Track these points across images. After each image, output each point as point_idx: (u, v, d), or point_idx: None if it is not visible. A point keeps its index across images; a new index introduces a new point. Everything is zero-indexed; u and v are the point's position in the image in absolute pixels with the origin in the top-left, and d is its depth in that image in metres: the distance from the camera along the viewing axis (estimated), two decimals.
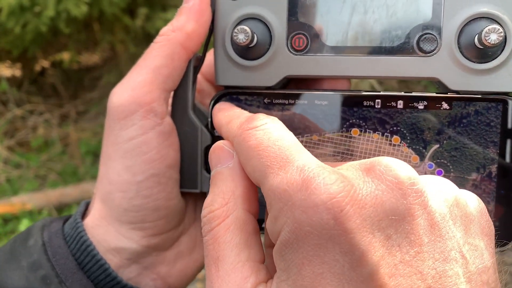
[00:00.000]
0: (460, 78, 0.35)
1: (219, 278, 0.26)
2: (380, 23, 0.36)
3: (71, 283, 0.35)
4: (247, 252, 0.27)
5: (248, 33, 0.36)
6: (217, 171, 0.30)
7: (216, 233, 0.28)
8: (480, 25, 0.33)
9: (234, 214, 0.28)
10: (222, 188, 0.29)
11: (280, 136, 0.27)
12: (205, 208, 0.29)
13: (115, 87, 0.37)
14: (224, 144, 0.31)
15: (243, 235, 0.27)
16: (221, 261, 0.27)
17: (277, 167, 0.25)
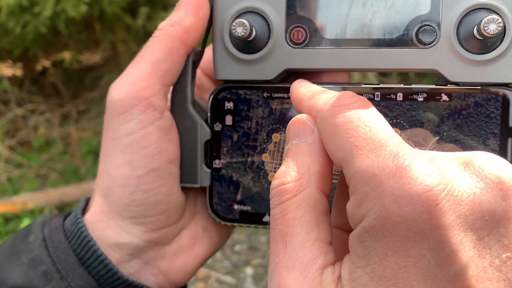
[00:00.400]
0: (459, 70, 0.35)
1: (287, 254, 0.26)
2: (378, 16, 0.36)
3: (72, 278, 0.35)
4: (317, 232, 0.26)
5: (247, 26, 0.36)
6: (294, 144, 0.29)
7: (286, 208, 0.27)
8: (479, 16, 0.33)
9: (307, 191, 0.27)
10: (298, 162, 0.28)
11: (371, 118, 0.26)
12: (277, 179, 0.28)
13: (114, 82, 0.37)
14: (306, 118, 0.29)
15: (314, 214, 0.26)
16: (290, 237, 0.26)
17: (367, 149, 0.24)
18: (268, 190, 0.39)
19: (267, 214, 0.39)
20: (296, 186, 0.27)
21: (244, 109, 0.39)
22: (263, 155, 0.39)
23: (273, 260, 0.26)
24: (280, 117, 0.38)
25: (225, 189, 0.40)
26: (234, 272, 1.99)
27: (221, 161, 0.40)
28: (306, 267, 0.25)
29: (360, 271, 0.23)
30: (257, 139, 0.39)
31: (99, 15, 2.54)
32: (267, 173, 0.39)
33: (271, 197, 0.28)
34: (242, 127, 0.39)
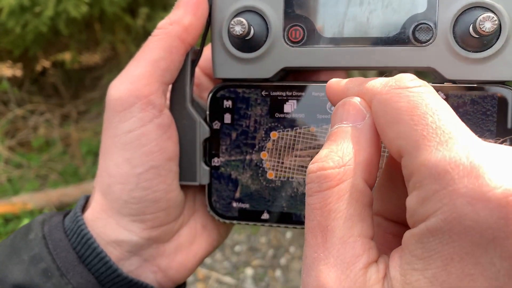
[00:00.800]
0: (455, 68, 0.35)
1: (326, 250, 0.23)
2: (376, 14, 0.36)
3: (72, 275, 0.35)
4: (360, 227, 0.24)
5: (245, 25, 0.36)
6: (341, 127, 0.26)
7: (326, 197, 0.24)
8: (474, 14, 0.34)
9: (351, 181, 0.24)
10: (343, 147, 0.25)
11: (439, 105, 0.23)
12: (316, 163, 0.25)
13: (114, 80, 0.37)
14: (358, 101, 0.27)
15: (357, 207, 0.24)
16: (331, 231, 0.24)
17: (437, 141, 0.22)
18: (266, 187, 0.39)
19: (265, 211, 0.39)
20: (340, 173, 0.24)
21: (243, 107, 0.39)
22: (261, 153, 0.39)
23: (310, 254, 0.24)
24: (278, 115, 0.39)
25: (224, 187, 0.40)
26: (234, 273, 1.99)
27: (219, 159, 0.40)
28: (348, 265, 0.23)
29: (418, 274, 0.21)
30: (255, 137, 0.39)
31: (99, 15, 2.54)
32: (265, 171, 0.39)
33: (308, 182, 0.25)
34: (241, 125, 0.39)
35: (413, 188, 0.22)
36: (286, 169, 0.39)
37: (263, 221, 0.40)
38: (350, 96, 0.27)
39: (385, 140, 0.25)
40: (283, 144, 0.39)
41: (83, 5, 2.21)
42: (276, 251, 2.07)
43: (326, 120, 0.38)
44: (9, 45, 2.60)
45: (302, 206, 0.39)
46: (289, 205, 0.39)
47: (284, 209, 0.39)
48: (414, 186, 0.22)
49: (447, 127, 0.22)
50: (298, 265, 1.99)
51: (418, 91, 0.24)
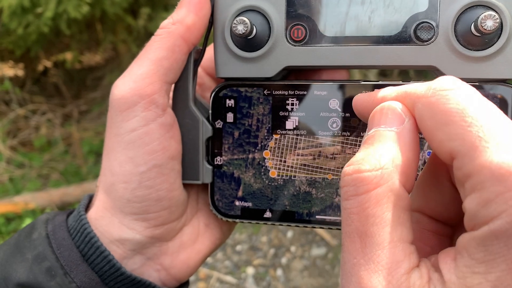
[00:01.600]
0: (457, 66, 0.35)
1: (366, 255, 0.23)
2: (377, 13, 0.36)
3: (75, 274, 0.36)
4: (399, 231, 0.23)
5: (247, 24, 0.37)
6: (379, 131, 0.26)
7: (364, 201, 0.24)
8: (476, 13, 0.34)
9: (389, 184, 0.24)
10: (380, 150, 0.25)
11: (489, 105, 0.23)
12: (352, 165, 0.25)
13: (117, 80, 0.38)
14: (397, 105, 0.26)
15: (396, 211, 0.24)
16: (369, 237, 0.23)
17: (495, 142, 0.21)
18: (268, 186, 0.39)
19: (268, 210, 0.40)
20: (377, 177, 0.24)
21: (245, 106, 0.39)
22: (264, 152, 0.39)
23: (349, 260, 0.24)
24: (280, 114, 0.39)
25: (226, 186, 0.40)
26: (235, 272, 2.00)
27: (222, 158, 0.40)
28: (390, 271, 0.23)
29: (480, 277, 0.21)
30: (258, 136, 0.39)
31: (100, 15, 2.55)
32: (268, 169, 0.39)
33: (343, 185, 0.25)
34: (243, 124, 0.39)
35: (472, 190, 0.22)
36: (288, 168, 0.39)
37: (265, 220, 0.40)
38: (389, 101, 0.27)
39: (434, 143, 0.24)
40: (286, 143, 0.39)
41: (84, 5, 2.21)
42: (277, 251, 2.07)
43: (328, 118, 0.38)
44: (11, 45, 2.61)
45: (304, 205, 0.39)
46: (292, 203, 0.39)
47: (286, 208, 0.39)
48: (474, 188, 0.22)
49: (503, 127, 0.22)
50: (299, 264, 1.99)
51: (466, 93, 0.23)
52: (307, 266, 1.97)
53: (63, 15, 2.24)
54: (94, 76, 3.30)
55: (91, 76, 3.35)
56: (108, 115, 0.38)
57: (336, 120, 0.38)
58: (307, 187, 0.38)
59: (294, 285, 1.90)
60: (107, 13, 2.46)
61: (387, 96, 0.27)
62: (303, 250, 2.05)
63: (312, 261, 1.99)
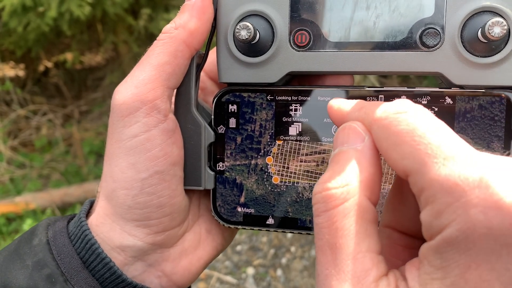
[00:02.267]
0: (463, 73, 0.35)
1: (337, 266, 0.25)
2: (382, 19, 0.36)
3: (76, 281, 0.35)
4: (367, 242, 0.25)
5: (251, 30, 0.36)
6: (342, 150, 0.28)
7: (332, 216, 0.25)
8: (483, 19, 0.33)
9: (355, 199, 0.25)
10: (345, 168, 0.26)
11: (437, 124, 0.25)
12: (320, 184, 0.26)
13: (119, 85, 0.37)
14: (357, 125, 0.28)
15: (362, 223, 0.25)
16: (339, 249, 0.25)
17: (443, 157, 0.23)
18: (271, 192, 0.39)
19: (270, 216, 0.39)
20: (343, 193, 0.26)
21: (248, 111, 0.39)
22: (266, 157, 0.39)
23: (321, 272, 0.25)
24: (283, 120, 0.38)
25: (228, 192, 0.40)
26: (236, 272, 2.00)
27: (224, 163, 0.40)
28: (359, 279, 0.24)
29: (437, 283, 0.22)
30: (260, 142, 0.39)
31: (101, 16, 2.55)
32: (270, 175, 0.39)
33: (314, 203, 0.26)
34: (246, 129, 0.39)
35: (426, 203, 0.23)
36: (291, 174, 0.38)
37: (268, 226, 0.39)
38: (350, 121, 0.29)
39: (390, 162, 0.26)
40: (289, 149, 0.38)
41: (87, 5, 2.21)
42: (277, 251, 2.07)
43: (331, 124, 0.37)
44: (12, 46, 2.61)
45: (307, 211, 0.38)
46: (294, 210, 0.39)
47: (289, 214, 0.39)
48: (427, 201, 0.23)
49: (448, 143, 0.24)
50: (299, 265, 1.99)
51: (415, 114, 0.25)
52: (307, 267, 1.97)
53: (66, 14, 2.24)
54: (95, 77, 3.30)
55: (91, 76, 3.35)
56: (109, 120, 0.38)
57: None
58: (310, 193, 0.38)
59: (294, 285, 1.90)
60: (108, 13, 2.46)
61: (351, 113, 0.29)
62: (303, 250, 2.05)
63: (312, 262, 1.99)
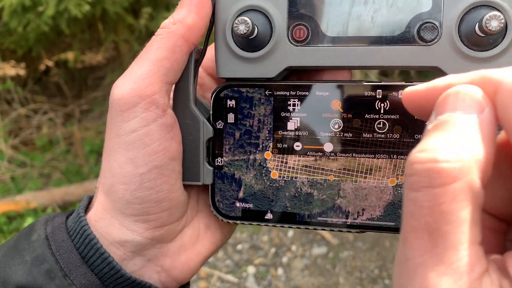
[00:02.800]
0: (461, 67, 0.35)
1: (435, 256, 0.21)
2: (380, 13, 0.36)
3: (75, 276, 0.35)
4: (473, 232, 0.21)
5: (249, 24, 0.36)
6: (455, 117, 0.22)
7: (440, 196, 0.21)
8: (480, 13, 0.33)
9: (468, 180, 0.21)
10: (459, 139, 0.21)
11: None
12: (425, 152, 0.21)
13: (117, 80, 0.37)
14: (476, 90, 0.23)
15: (471, 210, 0.21)
16: (442, 236, 0.21)
17: None
18: (270, 187, 0.39)
19: (269, 211, 0.39)
20: (455, 169, 0.21)
21: (246, 107, 0.39)
22: (265, 152, 0.39)
23: (413, 258, 0.21)
24: (282, 115, 0.38)
25: (227, 187, 0.40)
26: (236, 271, 2.00)
27: (223, 159, 0.40)
28: (462, 275, 0.20)
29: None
30: (259, 137, 0.39)
31: (101, 15, 2.55)
32: (269, 170, 0.39)
33: (411, 174, 0.22)
34: (244, 125, 0.39)
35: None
36: (290, 169, 0.38)
37: (266, 221, 0.39)
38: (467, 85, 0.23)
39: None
40: (287, 144, 0.38)
41: (85, 4, 2.21)
42: (278, 250, 2.07)
43: (330, 119, 0.37)
44: (13, 45, 2.61)
45: (305, 206, 0.38)
46: (293, 205, 0.39)
47: (287, 209, 0.39)
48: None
49: None
50: (300, 264, 1.99)
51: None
52: (308, 265, 1.97)
53: (64, 13, 2.24)
54: (96, 76, 3.30)
55: (92, 75, 3.35)
56: (108, 115, 0.38)
57: (338, 121, 0.37)
58: (308, 188, 0.38)
59: (295, 284, 1.90)
60: (108, 12, 2.46)
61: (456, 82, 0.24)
62: (304, 249, 2.05)
63: (312, 260, 1.99)
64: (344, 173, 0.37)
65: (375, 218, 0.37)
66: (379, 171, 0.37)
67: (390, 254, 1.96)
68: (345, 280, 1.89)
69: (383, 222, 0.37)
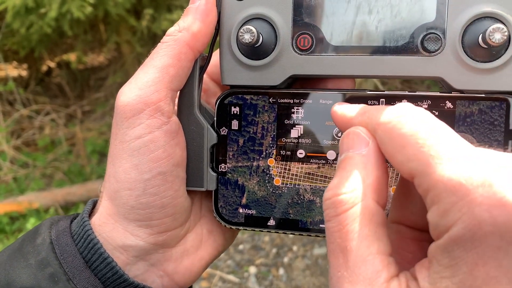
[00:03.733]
0: (464, 77, 0.35)
1: (349, 269, 0.25)
2: (384, 23, 0.36)
3: (78, 281, 0.35)
4: (377, 245, 0.26)
5: (254, 33, 0.36)
6: (348, 156, 0.28)
7: (342, 221, 0.26)
8: (484, 25, 0.34)
9: (363, 203, 0.26)
10: (352, 173, 0.27)
11: (439, 125, 0.26)
12: (330, 191, 0.27)
13: (123, 87, 0.37)
14: (361, 130, 0.29)
15: (371, 226, 0.26)
16: (350, 251, 0.25)
17: (446, 158, 0.24)
18: (273, 194, 0.39)
19: (271, 218, 0.39)
20: (351, 197, 0.26)
21: (250, 114, 0.39)
22: (268, 159, 0.39)
23: (334, 274, 0.26)
24: (285, 122, 0.39)
25: (230, 193, 0.40)
26: (238, 271, 2.00)
27: (226, 165, 0.40)
28: (371, 281, 0.25)
29: (446, 281, 0.23)
30: (262, 144, 0.39)
31: (103, 16, 2.55)
32: (272, 177, 0.39)
33: (325, 209, 0.27)
34: (248, 131, 0.39)
35: (432, 203, 0.24)
36: (292, 176, 0.39)
37: (269, 228, 0.40)
38: (354, 126, 0.29)
39: (395, 164, 0.26)
40: (290, 151, 0.39)
41: (88, 6, 2.22)
42: (280, 250, 2.07)
43: (333, 127, 0.38)
44: (15, 46, 2.62)
45: (308, 213, 0.39)
46: (295, 212, 0.39)
47: (290, 216, 0.39)
48: (433, 201, 0.24)
49: (451, 144, 0.24)
50: (301, 264, 1.99)
51: (418, 117, 0.26)
52: (309, 266, 1.97)
53: (67, 15, 2.25)
54: (98, 77, 3.30)
55: (94, 76, 3.36)
56: (113, 121, 0.38)
57: None
58: (311, 195, 0.38)
59: (296, 284, 1.90)
60: (110, 14, 2.46)
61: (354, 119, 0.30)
62: (305, 249, 2.05)
63: (314, 261, 1.99)
64: None
65: None
66: None
67: None
68: None
69: None
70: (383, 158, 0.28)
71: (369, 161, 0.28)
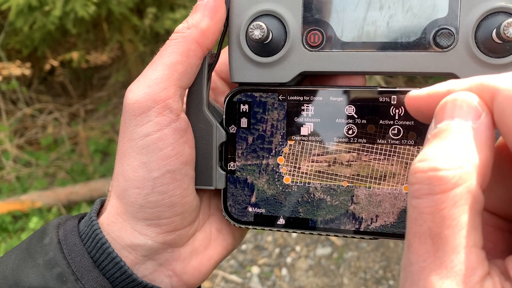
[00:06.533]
0: (477, 73, 0.34)
1: (438, 259, 0.21)
2: (395, 19, 0.36)
3: (86, 280, 0.35)
4: (474, 236, 0.22)
5: (264, 29, 0.36)
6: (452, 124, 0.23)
7: (440, 202, 0.22)
8: (497, 20, 0.33)
9: (468, 185, 0.22)
10: (457, 147, 0.22)
11: None
12: (425, 162, 0.22)
13: (131, 84, 0.37)
14: (473, 98, 0.23)
15: (471, 214, 0.22)
16: (444, 240, 0.21)
17: None
18: (282, 193, 0.39)
19: (281, 217, 0.39)
20: (455, 176, 0.22)
21: (259, 111, 0.39)
22: (278, 157, 0.39)
23: (417, 262, 0.22)
24: (295, 120, 0.38)
25: (239, 192, 0.40)
26: (241, 271, 2.00)
27: (236, 163, 0.40)
28: (464, 278, 0.21)
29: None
30: (272, 142, 0.39)
31: (106, 15, 2.55)
32: (282, 176, 0.39)
33: (414, 182, 0.23)
34: (257, 129, 0.39)
35: None
36: (303, 174, 0.38)
37: (278, 227, 0.39)
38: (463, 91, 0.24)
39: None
40: (300, 149, 0.38)
41: (91, 5, 2.22)
42: (282, 250, 2.07)
43: (343, 124, 0.37)
44: (18, 45, 2.62)
45: (318, 212, 0.38)
46: (305, 210, 0.38)
47: (300, 215, 0.39)
48: None
49: None
50: (304, 264, 1.98)
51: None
52: (312, 266, 1.97)
53: (70, 14, 2.25)
54: (101, 75, 3.31)
55: (97, 75, 3.36)
56: (121, 119, 0.38)
57: (352, 126, 0.37)
58: (321, 194, 0.38)
59: (299, 285, 1.90)
60: (113, 12, 2.46)
61: (455, 88, 0.24)
62: (308, 249, 2.05)
63: (317, 261, 1.99)
64: (358, 179, 0.37)
65: (389, 225, 0.37)
66: (393, 178, 0.36)
67: (394, 255, 1.95)
68: (349, 281, 1.88)
69: (397, 229, 0.37)
70: (494, 137, 0.23)
71: (480, 136, 0.23)
